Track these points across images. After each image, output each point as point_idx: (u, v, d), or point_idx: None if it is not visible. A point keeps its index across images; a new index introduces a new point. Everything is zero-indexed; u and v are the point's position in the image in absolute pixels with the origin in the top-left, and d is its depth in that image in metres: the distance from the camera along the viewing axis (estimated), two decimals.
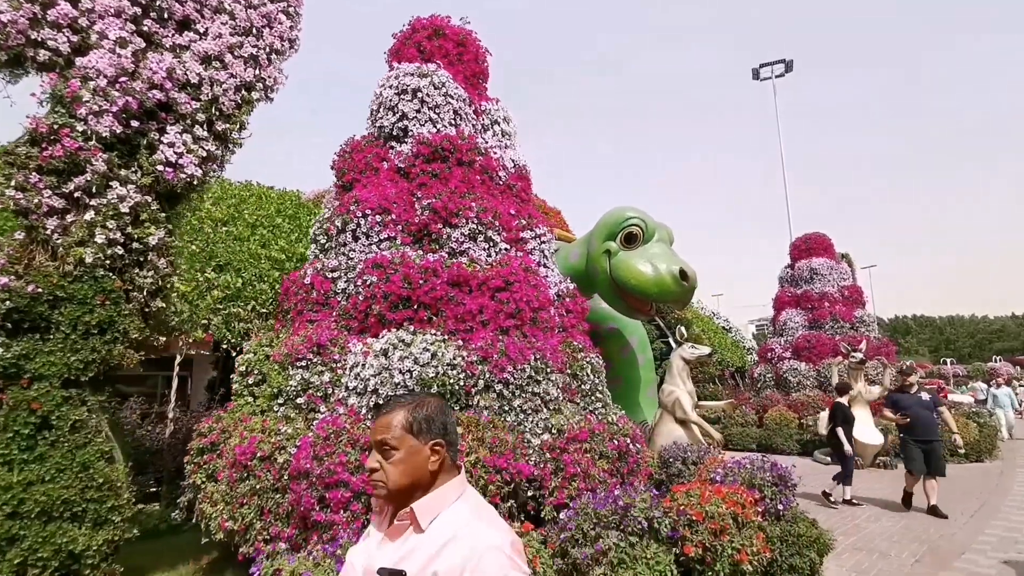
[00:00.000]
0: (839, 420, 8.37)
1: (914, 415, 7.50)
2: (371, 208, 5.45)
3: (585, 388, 5.50)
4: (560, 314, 5.86)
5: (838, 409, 8.54)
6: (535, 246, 6.09)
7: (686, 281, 12.05)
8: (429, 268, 5.06)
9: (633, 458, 5.36)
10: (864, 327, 15.32)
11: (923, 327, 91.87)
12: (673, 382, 8.99)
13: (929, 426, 7.43)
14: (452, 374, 4.73)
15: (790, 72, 33.82)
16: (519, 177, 6.48)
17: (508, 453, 4.35)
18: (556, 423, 4.85)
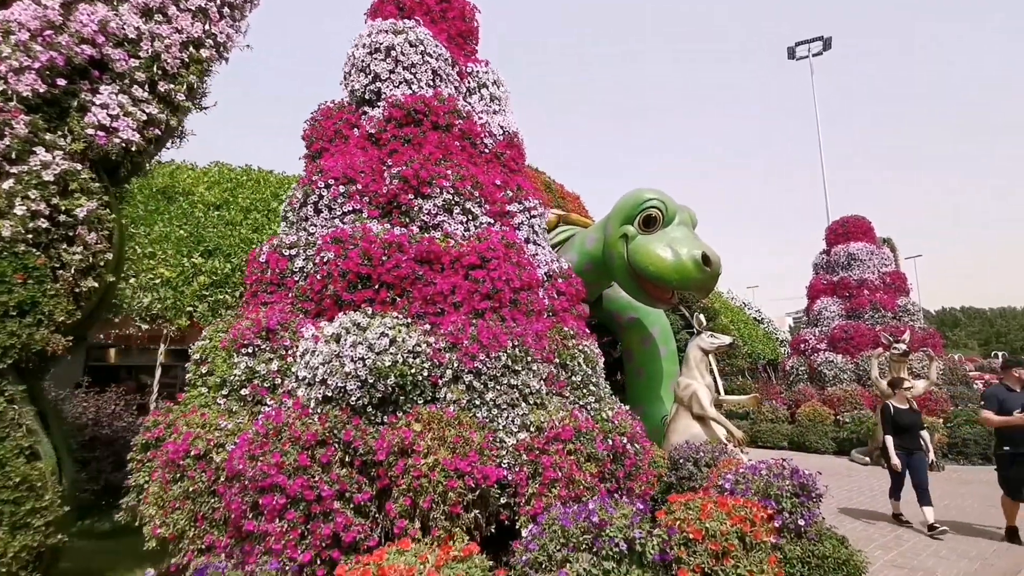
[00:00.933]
0: (887, 426, 6.87)
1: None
2: (334, 178, 4.86)
3: (576, 380, 4.82)
4: (550, 296, 5.18)
5: (885, 413, 6.96)
6: (523, 220, 5.42)
7: (708, 266, 11.16)
8: (393, 243, 4.45)
9: (631, 460, 4.66)
10: (908, 316, 14.16)
11: (972, 319, 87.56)
12: (690, 374, 8.21)
13: None
14: (415, 363, 4.11)
15: (828, 50, 32.09)
16: (508, 145, 5.80)
17: (472, 454, 3.71)
18: (535, 420, 4.19)
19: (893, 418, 6.83)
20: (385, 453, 3.73)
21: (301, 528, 3.54)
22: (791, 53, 32.66)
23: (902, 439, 6.70)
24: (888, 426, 6.85)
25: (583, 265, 13.78)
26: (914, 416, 6.87)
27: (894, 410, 6.90)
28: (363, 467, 3.85)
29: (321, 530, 3.52)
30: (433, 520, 3.60)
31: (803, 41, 32.08)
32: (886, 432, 6.87)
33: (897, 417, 6.81)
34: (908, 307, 14.14)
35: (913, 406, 7.02)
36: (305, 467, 3.61)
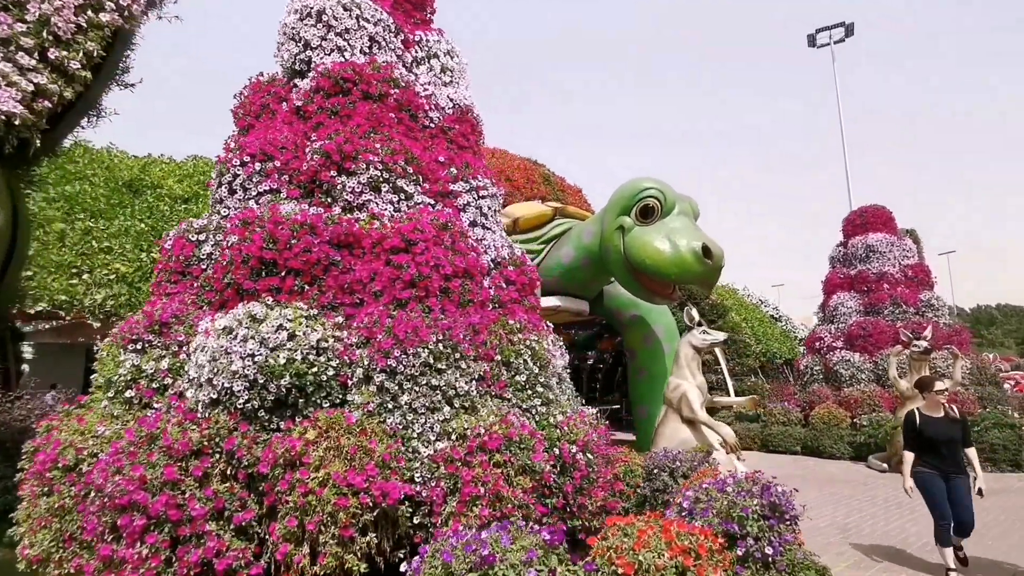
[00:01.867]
0: (908, 440, 5.02)
1: None
2: (250, 155, 4.35)
3: (520, 380, 4.22)
4: (497, 285, 4.59)
5: (908, 422, 5.06)
6: (470, 201, 4.84)
7: (710, 259, 10.43)
8: (305, 224, 3.91)
9: (581, 472, 4.05)
10: (932, 312, 13.17)
11: (1009, 317, 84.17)
12: (680, 374, 7.56)
13: None
14: (318, 361, 3.56)
15: (851, 36, 30.81)
16: (458, 119, 5.23)
17: (371, 467, 3.15)
18: (459, 426, 3.60)
19: (919, 429, 4.88)
20: (269, 465, 3.19)
21: (166, 554, 3.01)
22: (811, 40, 31.45)
23: (934, 458, 4.80)
24: (910, 440, 4.97)
25: (580, 260, 13.13)
26: (951, 427, 4.80)
27: (920, 419, 4.91)
28: (250, 481, 3.32)
29: (189, 556, 2.99)
30: (322, 545, 3.05)
31: (824, 27, 30.89)
32: (907, 446, 4.99)
33: (925, 428, 4.85)
34: (932, 302, 13.15)
35: (952, 413, 4.91)
36: (174, 482, 3.09)
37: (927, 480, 4.76)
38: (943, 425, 4.87)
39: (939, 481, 4.75)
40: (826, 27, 30.61)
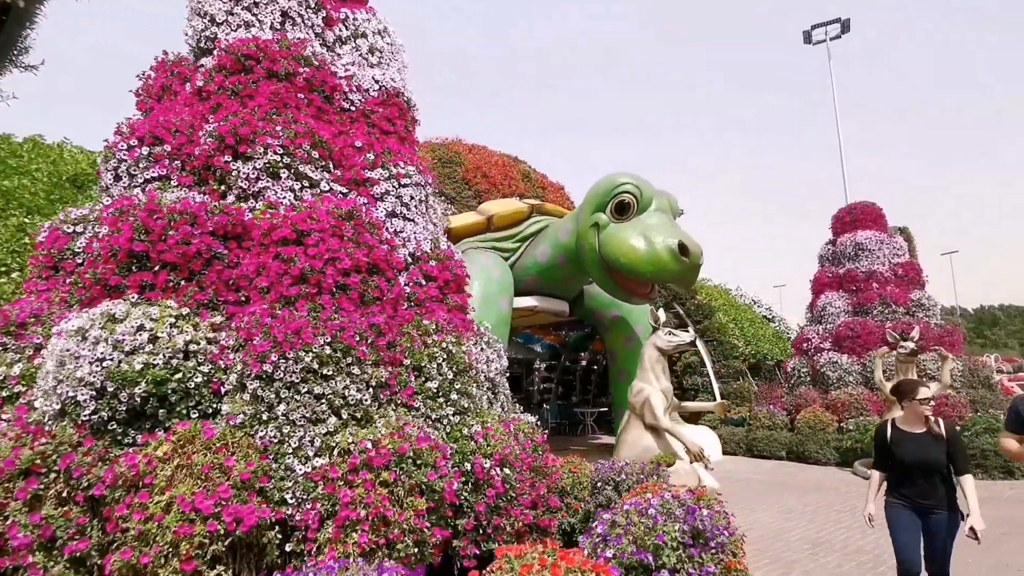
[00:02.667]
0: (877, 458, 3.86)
1: None
2: (138, 138, 3.94)
3: (432, 387, 3.79)
4: (415, 281, 4.17)
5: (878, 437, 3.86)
6: (389, 189, 4.42)
7: (686, 257, 10.04)
8: (183, 213, 3.49)
9: (496, 489, 3.62)
10: (923, 312, 12.68)
11: (1013, 318, 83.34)
12: (644, 377, 7.12)
13: None
14: (185, 366, 3.15)
15: (847, 33, 30.30)
16: (383, 103, 4.81)
17: (224, 488, 2.73)
18: (343, 440, 3.17)
19: (889, 445, 3.66)
20: (107, 486, 2.77)
21: None
22: (807, 37, 30.97)
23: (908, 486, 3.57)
24: (878, 460, 3.82)
25: (556, 258, 12.67)
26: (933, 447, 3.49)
27: (893, 433, 3.69)
28: (93, 505, 2.90)
29: None
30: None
31: (819, 24, 30.38)
32: (875, 465, 3.88)
33: (897, 445, 3.59)
34: (923, 301, 12.66)
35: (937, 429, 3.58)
36: None
37: (894, 516, 3.58)
38: (923, 444, 3.50)
39: (911, 518, 3.50)
40: (822, 23, 30.13)
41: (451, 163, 13.42)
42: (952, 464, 3.47)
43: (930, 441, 3.54)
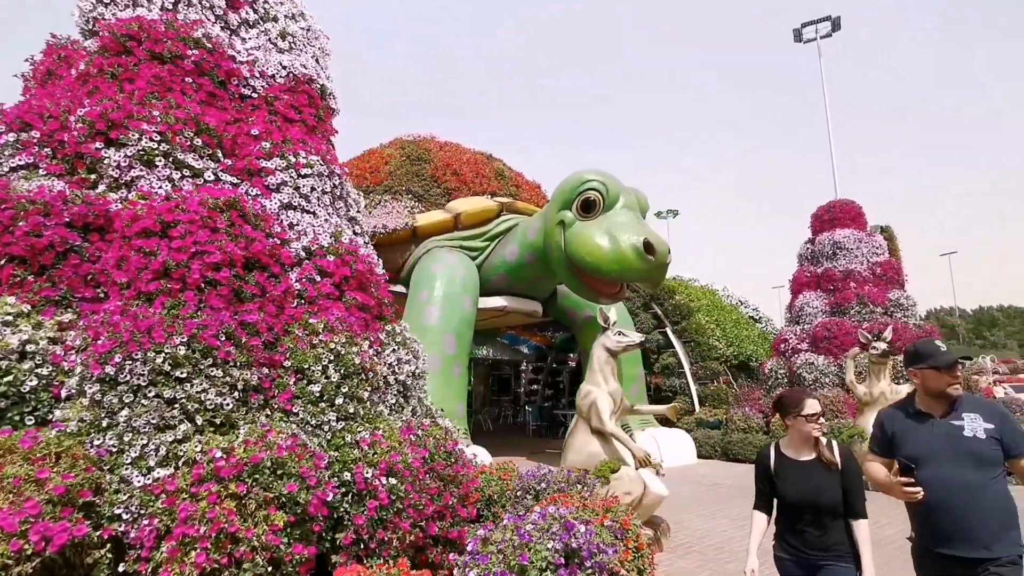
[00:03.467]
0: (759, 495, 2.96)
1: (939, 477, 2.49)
2: (5, 123, 3.68)
3: (314, 391, 3.52)
4: (306, 277, 3.90)
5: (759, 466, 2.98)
6: (287, 180, 4.15)
7: (652, 255, 9.76)
8: (34, 203, 3.23)
9: (379, 501, 3.35)
10: (901, 312, 12.39)
11: (1012, 319, 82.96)
12: (592, 379, 6.83)
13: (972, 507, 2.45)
14: (18, 368, 2.88)
15: (837, 31, 30.00)
16: (291, 89, 4.55)
17: (32, 504, 2.46)
18: (191, 449, 2.90)
19: (772, 476, 2.83)
20: None
21: None
22: (797, 35, 30.68)
23: (794, 532, 2.75)
24: (760, 493, 2.93)
25: (525, 257, 12.38)
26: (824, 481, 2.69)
27: (776, 462, 2.85)
28: None
29: None
30: None
31: (809, 22, 30.11)
32: (756, 504, 2.94)
33: (780, 476, 2.80)
34: (901, 301, 12.36)
35: (828, 455, 2.73)
36: None
37: (780, 568, 2.80)
38: (810, 475, 2.68)
39: (794, 572, 2.71)
40: (811, 21, 29.83)
41: (420, 160, 13.15)
42: (846, 502, 2.65)
43: (820, 471, 2.69)
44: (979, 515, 2.45)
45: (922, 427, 2.63)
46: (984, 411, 2.56)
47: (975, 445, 2.48)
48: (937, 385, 2.61)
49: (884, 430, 2.77)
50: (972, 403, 2.61)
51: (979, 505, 2.45)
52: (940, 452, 2.53)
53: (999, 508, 2.47)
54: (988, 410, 2.57)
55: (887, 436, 2.75)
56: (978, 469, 2.46)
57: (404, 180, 12.69)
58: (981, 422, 2.50)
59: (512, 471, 5.29)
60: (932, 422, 2.61)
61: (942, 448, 2.53)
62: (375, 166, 13.02)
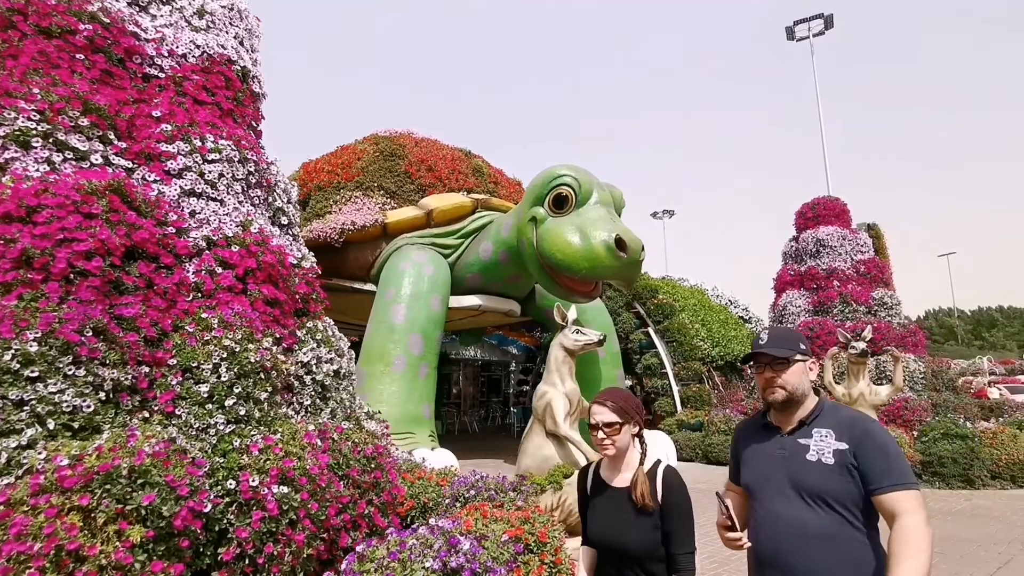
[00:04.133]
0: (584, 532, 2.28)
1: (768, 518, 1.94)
2: None
3: (202, 393, 3.23)
4: (206, 269, 3.61)
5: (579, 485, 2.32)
6: (190, 165, 3.86)
7: (624, 252, 9.48)
8: None
9: (264, 512, 3.06)
10: (885, 311, 12.11)
11: (1012, 319, 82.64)
12: (549, 380, 6.54)
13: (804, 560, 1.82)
14: None
15: (831, 29, 29.78)
16: (203, 70, 4.26)
17: None
18: (33, 458, 2.61)
19: (587, 509, 2.22)
20: None
21: None
22: (790, 33, 30.46)
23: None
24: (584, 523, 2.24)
25: (499, 254, 12.08)
26: (631, 517, 2.01)
27: (593, 485, 2.21)
28: None
29: None
30: None
31: (802, 20, 29.87)
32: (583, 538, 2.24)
33: (590, 505, 2.20)
34: (885, 300, 12.08)
35: (643, 488, 1.99)
36: None
37: None
38: (622, 509, 2.04)
39: None
40: (804, 19, 29.59)
41: (394, 156, 12.88)
42: (667, 551, 1.95)
43: (628, 506, 2.03)
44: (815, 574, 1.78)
45: (765, 445, 2.03)
46: (840, 426, 1.90)
47: (817, 474, 1.83)
48: (760, 387, 2.06)
49: (734, 448, 2.22)
50: (831, 415, 1.96)
51: (815, 559, 1.76)
52: (775, 481, 1.92)
53: (846, 564, 1.75)
54: (846, 425, 1.90)
55: (735, 456, 2.19)
56: (820, 508, 1.80)
57: (376, 176, 12.42)
58: (831, 441, 1.86)
59: (450, 476, 5.01)
60: (778, 439, 2.00)
61: (778, 476, 1.92)
62: (347, 162, 12.75)
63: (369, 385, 9.37)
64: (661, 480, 2.04)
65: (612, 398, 2.11)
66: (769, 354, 1.98)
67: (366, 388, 9.23)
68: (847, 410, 2.04)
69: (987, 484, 9.29)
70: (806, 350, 2.03)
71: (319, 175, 12.86)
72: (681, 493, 2.04)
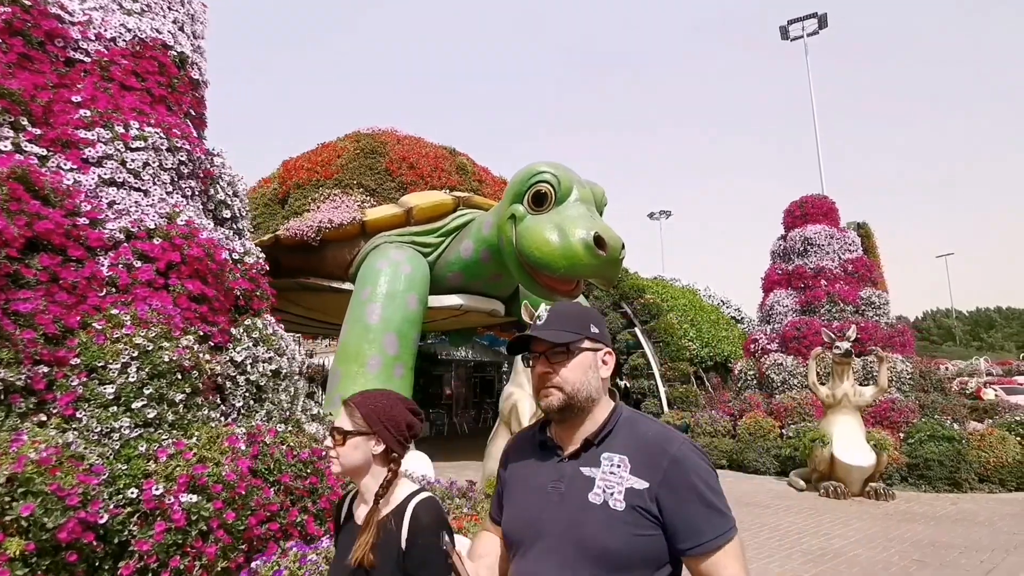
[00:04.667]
0: None
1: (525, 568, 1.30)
2: None
3: (107, 395, 3.01)
4: (123, 262, 3.39)
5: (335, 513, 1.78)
6: (111, 153, 3.65)
7: (603, 250, 9.26)
8: None
9: (173, 522, 2.84)
10: (873, 310, 11.90)
11: (1010, 320, 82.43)
12: (516, 381, 6.35)
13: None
14: None
15: (824, 28, 29.57)
16: (133, 54, 4.05)
17: None
18: None
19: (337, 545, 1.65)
20: None
21: None
22: (784, 33, 30.25)
23: None
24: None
25: (479, 253, 11.83)
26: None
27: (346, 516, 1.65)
28: None
29: None
30: None
31: (796, 19, 29.66)
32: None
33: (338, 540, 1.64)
34: (873, 299, 11.87)
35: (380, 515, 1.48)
36: None
37: None
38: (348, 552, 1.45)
39: None
40: (798, 18, 29.38)
41: (374, 154, 12.66)
42: None
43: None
44: None
45: (538, 473, 1.37)
46: (638, 452, 1.26)
47: (600, 525, 1.21)
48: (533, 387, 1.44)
49: (499, 473, 1.54)
50: (627, 432, 1.31)
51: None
52: (544, 531, 1.27)
53: None
54: (646, 450, 1.26)
55: (499, 484, 1.53)
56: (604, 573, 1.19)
57: (356, 174, 12.20)
58: (624, 474, 1.23)
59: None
60: (554, 465, 1.35)
61: (549, 523, 1.27)
62: (327, 159, 12.53)
63: (343, 385, 9.16)
64: (408, 519, 1.44)
65: (364, 401, 1.56)
66: (544, 340, 1.34)
67: (340, 388, 9.02)
68: (651, 425, 1.35)
69: (975, 488, 9.05)
70: (599, 335, 1.36)
71: (298, 173, 12.65)
72: (429, 538, 1.40)
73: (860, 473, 8.68)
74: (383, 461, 1.54)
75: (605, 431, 1.32)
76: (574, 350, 1.33)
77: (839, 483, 8.71)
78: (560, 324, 1.37)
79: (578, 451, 1.32)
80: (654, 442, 1.27)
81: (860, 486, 8.73)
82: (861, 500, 8.52)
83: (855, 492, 8.70)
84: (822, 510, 7.84)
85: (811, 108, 28.24)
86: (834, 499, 8.50)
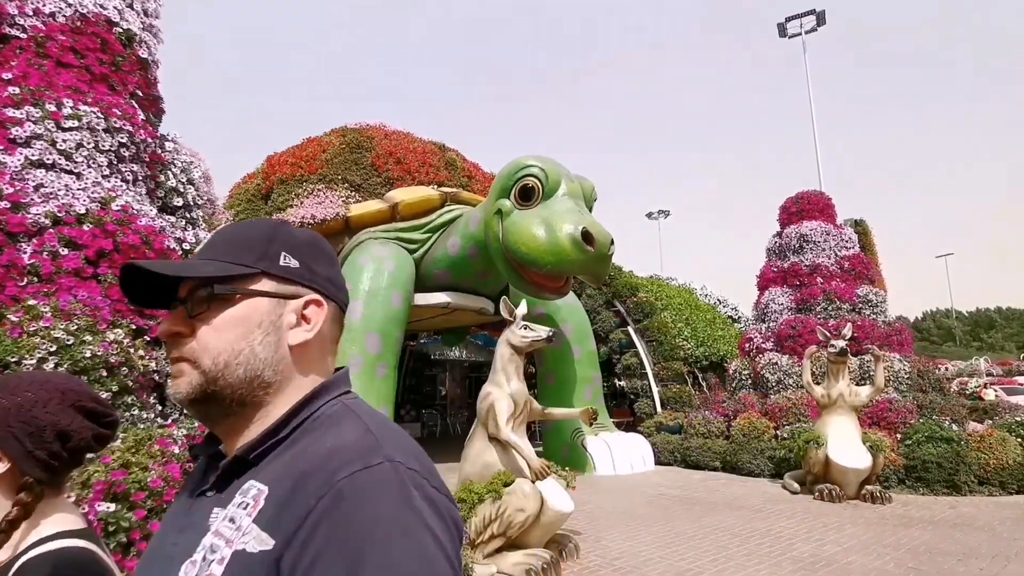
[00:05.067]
0: None
1: None
2: None
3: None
4: (48, 250, 3.13)
5: None
6: (41, 133, 3.38)
7: (591, 246, 9.00)
8: None
9: None
10: (870, 308, 11.61)
11: (1010, 320, 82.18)
12: (494, 380, 6.06)
13: None
14: None
15: (823, 25, 29.32)
16: (73, 30, 3.79)
17: None
18: None
19: None
20: None
21: None
22: (782, 30, 30.00)
23: None
24: None
25: (467, 249, 11.55)
26: None
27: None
28: None
29: None
30: None
31: (794, 16, 29.40)
32: None
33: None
34: (870, 297, 11.58)
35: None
36: None
37: None
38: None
39: None
40: (796, 15, 29.12)
41: (361, 148, 12.41)
42: None
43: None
44: None
45: (172, 516, 0.83)
46: (293, 478, 0.66)
47: None
48: None
49: None
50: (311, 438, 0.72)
51: None
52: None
53: None
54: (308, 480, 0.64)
55: None
56: None
57: (341, 169, 11.94)
58: (246, 522, 0.66)
59: None
60: (192, 499, 0.79)
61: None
62: (312, 154, 12.28)
63: None
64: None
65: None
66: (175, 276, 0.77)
67: None
68: (347, 429, 0.72)
69: (974, 490, 8.77)
70: (297, 271, 0.79)
71: (282, 168, 12.39)
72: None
73: (856, 475, 8.40)
74: (6, 488, 1.00)
75: (273, 439, 0.73)
76: (227, 295, 0.74)
77: (834, 486, 8.43)
78: (216, 250, 0.78)
79: (224, 474, 0.74)
80: (319, 463, 0.66)
81: (856, 489, 8.45)
82: (857, 503, 8.25)
83: (851, 495, 8.42)
84: (816, 514, 7.56)
85: (809, 106, 27.97)
86: (829, 502, 8.23)
